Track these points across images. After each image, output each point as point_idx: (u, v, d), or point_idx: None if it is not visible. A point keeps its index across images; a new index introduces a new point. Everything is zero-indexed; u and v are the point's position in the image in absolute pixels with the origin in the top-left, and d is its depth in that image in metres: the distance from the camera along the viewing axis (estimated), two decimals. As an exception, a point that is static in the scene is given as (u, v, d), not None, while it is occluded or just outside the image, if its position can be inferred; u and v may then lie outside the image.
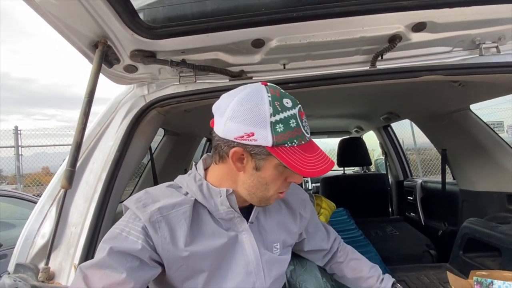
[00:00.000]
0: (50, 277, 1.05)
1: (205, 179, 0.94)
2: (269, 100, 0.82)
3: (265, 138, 0.81)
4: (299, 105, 0.87)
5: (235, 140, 0.83)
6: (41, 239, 1.10)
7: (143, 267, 0.83)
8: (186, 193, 0.93)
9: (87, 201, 1.16)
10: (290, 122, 0.82)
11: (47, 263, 1.06)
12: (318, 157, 0.85)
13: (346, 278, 1.23)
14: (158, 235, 0.85)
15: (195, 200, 0.91)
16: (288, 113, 0.83)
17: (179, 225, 0.87)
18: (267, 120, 0.81)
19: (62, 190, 1.10)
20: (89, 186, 1.18)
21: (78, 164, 1.11)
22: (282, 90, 0.88)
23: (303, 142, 0.84)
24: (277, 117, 0.81)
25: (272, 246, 1.02)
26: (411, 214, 3.07)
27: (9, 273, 1.05)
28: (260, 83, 0.88)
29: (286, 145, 0.82)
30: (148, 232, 0.84)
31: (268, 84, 0.88)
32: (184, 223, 0.87)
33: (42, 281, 1.02)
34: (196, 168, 0.98)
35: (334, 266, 1.26)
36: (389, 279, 1.18)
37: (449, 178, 2.51)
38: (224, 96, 0.89)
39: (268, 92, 0.83)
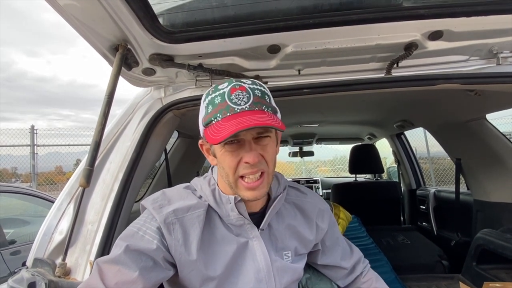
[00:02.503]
0: (66, 272, 1.07)
1: (217, 185, 0.95)
2: (210, 90, 0.87)
3: (201, 122, 0.87)
4: (235, 83, 0.85)
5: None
6: (59, 235, 1.13)
7: (156, 268, 0.84)
8: (200, 197, 0.94)
9: (104, 200, 1.18)
10: (215, 99, 0.84)
11: (64, 259, 1.08)
12: (238, 122, 0.78)
13: None
14: (172, 237, 0.86)
15: (209, 204, 0.92)
16: (217, 93, 0.84)
17: (192, 229, 0.88)
18: (203, 106, 0.87)
19: (80, 188, 1.12)
20: (106, 185, 1.21)
21: (96, 164, 1.13)
22: (234, 80, 0.86)
23: (228, 114, 0.81)
24: (207, 100, 0.86)
25: (282, 254, 1.00)
26: (423, 223, 3.03)
27: (27, 268, 1.08)
28: None
29: (212, 122, 0.83)
30: (162, 233, 0.86)
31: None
32: (197, 226, 0.89)
33: (59, 277, 1.05)
34: (212, 172, 0.99)
35: None
36: None
37: (463, 188, 2.47)
38: None
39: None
